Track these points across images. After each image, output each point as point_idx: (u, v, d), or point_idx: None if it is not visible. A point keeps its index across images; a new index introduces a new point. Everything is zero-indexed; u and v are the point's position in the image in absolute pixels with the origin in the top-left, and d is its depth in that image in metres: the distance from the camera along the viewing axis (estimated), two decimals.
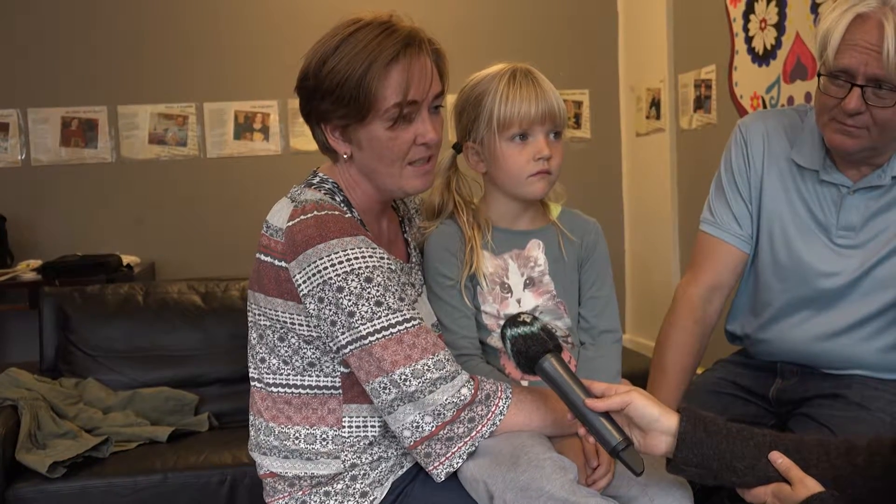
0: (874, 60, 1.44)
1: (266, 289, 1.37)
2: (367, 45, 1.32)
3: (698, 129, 3.80)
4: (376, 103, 1.32)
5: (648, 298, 4.32)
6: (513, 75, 1.43)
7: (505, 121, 1.42)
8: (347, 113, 1.34)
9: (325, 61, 1.34)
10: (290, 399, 1.39)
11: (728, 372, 1.79)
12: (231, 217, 4.13)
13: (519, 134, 1.43)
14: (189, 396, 2.55)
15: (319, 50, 1.36)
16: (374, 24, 1.34)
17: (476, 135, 1.46)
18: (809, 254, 1.63)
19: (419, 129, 1.36)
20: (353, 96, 1.32)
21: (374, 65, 1.31)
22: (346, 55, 1.32)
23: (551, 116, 1.43)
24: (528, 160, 1.43)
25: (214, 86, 4.17)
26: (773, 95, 3.24)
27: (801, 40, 3.04)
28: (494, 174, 1.48)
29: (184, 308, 2.70)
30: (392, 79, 1.32)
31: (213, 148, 4.20)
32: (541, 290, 1.48)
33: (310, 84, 1.36)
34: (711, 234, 1.73)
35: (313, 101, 1.37)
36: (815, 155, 1.63)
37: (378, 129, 1.34)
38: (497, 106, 1.42)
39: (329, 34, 1.37)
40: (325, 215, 1.31)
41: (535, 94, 1.42)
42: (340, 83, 1.32)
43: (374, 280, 1.28)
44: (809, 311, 1.64)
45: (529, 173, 1.44)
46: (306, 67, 1.37)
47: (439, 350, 1.29)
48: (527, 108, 1.41)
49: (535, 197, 1.48)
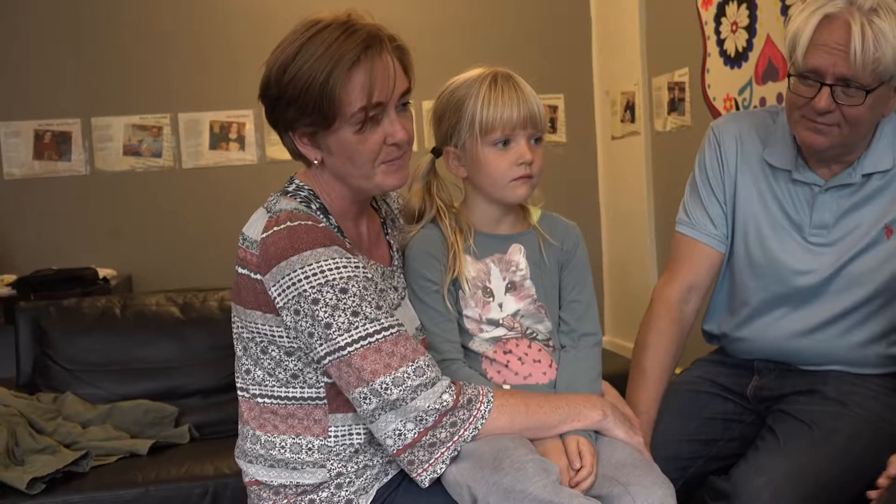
0: (842, 60, 1.46)
1: (245, 301, 1.36)
2: (327, 50, 1.29)
3: (672, 131, 3.84)
4: (341, 109, 1.30)
5: (626, 300, 4.34)
6: (494, 80, 1.43)
7: (487, 126, 1.42)
8: (313, 120, 1.32)
9: (286, 68, 1.31)
10: (276, 409, 1.38)
11: (706, 371, 1.80)
12: (208, 227, 4.11)
13: (502, 140, 1.43)
14: (169, 409, 2.52)
15: (279, 57, 1.32)
16: (334, 27, 1.31)
17: (457, 140, 1.46)
18: (784, 252, 1.65)
19: (388, 130, 1.35)
20: (317, 104, 1.30)
21: (336, 70, 1.28)
22: (307, 61, 1.29)
23: (533, 121, 1.43)
24: (510, 165, 1.43)
25: (189, 96, 4.15)
26: (745, 97, 3.28)
27: (772, 42, 3.08)
28: (476, 179, 1.48)
29: (162, 320, 2.68)
30: (355, 82, 1.29)
31: (188, 158, 4.18)
32: (522, 294, 1.49)
33: (272, 93, 1.33)
34: (687, 235, 1.75)
35: (277, 109, 1.34)
36: (787, 155, 1.65)
37: (346, 134, 1.32)
38: (479, 111, 1.41)
39: (288, 38, 1.33)
40: (297, 226, 1.30)
41: (517, 98, 1.42)
42: (303, 91, 1.30)
43: (349, 290, 1.27)
44: (785, 309, 1.66)
45: (512, 178, 1.44)
46: (268, 75, 1.34)
47: (419, 356, 1.29)
48: (509, 113, 1.41)
49: (517, 201, 1.49)
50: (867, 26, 1.45)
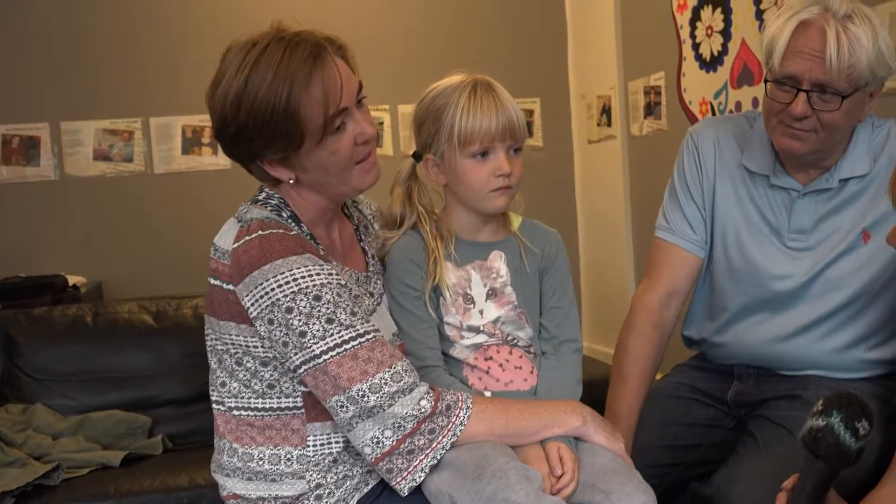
0: (818, 66, 1.48)
1: (219, 313, 1.36)
2: (277, 72, 1.27)
3: (649, 135, 3.86)
4: (308, 127, 1.29)
5: (605, 305, 4.36)
6: (473, 89, 1.43)
7: (466, 137, 1.42)
8: (283, 146, 1.31)
9: (240, 101, 1.28)
10: (253, 421, 1.37)
11: (686, 376, 1.81)
12: (180, 233, 4.07)
13: (480, 151, 1.43)
14: (142, 419, 2.51)
15: (227, 91, 1.29)
16: (272, 46, 1.29)
17: (436, 148, 1.46)
18: (762, 257, 1.66)
19: (356, 130, 1.35)
20: (284, 129, 1.28)
21: (294, 90, 1.27)
22: (260, 89, 1.27)
23: (511, 132, 1.43)
24: (488, 176, 1.44)
25: (161, 100, 4.10)
26: (721, 101, 3.31)
27: (747, 46, 3.11)
28: (455, 188, 1.48)
29: (134, 328, 2.66)
30: (314, 97, 1.28)
31: (160, 163, 4.13)
32: (503, 300, 1.49)
33: (230, 129, 1.31)
34: (666, 240, 1.76)
35: (240, 144, 1.32)
36: (765, 160, 1.67)
37: (317, 148, 1.32)
38: (458, 122, 1.41)
39: (228, 69, 1.30)
40: (269, 235, 1.30)
41: (496, 109, 1.42)
42: (265, 121, 1.28)
43: (323, 297, 1.27)
44: (764, 314, 1.67)
45: (490, 189, 1.44)
46: (221, 113, 1.31)
47: (396, 361, 1.28)
48: (488, 124, 1.41)
49: (495, 211, 1.49)
50: (842, 33, 1.47)
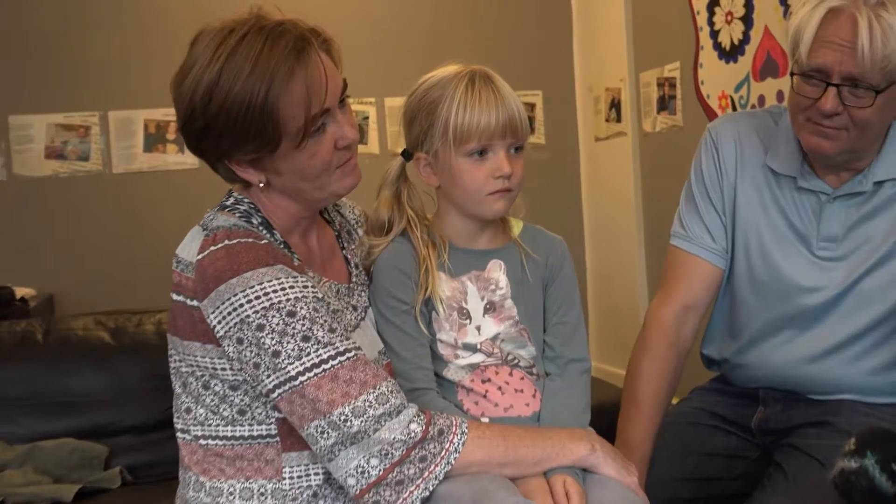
0: (849, 58, 1.49)
1: (182, 332, 1.36)
2: (256, 65, 1.27)
3: (663, 131, 3.88)
4: (286, 127, 1.30)
5: (614, 321, 4.37)
6: (471, 81, 1.43)
7: (462, 135, 1.42)
8: (256, 147, 1.31)
9: (211, 94, 1.28)
10: (222, 451, 1.37)
11: (706, 401, 1.82)
12: (142, 241, 4.06)
13: (478, 150, 1.43)
14: (97, 448, 2.50)
15: (198, 81, 1.29)
16: (251, 34, 1.28)
17: (429, 146, 1.46)
18: (789, 268, 1.68)
19: (337, 134, 1.36)
20: (259, 129, 1.29)
21: (273, 87, 1.27)
22: (235, 82, 1.27)
23: (513, 129, 1.43)
24: (486, 178, 1.44)
25: (120, 92, 4.10)
26: (742, 95, 3.33)
27: (771, 34, 3.14)
28: (449, 190, 1.49)
29: (90, 346, 2.65)
30: (295, 95, 1.29)
31: (119, 162, 4.13)
32: (502, 315, 1.50)
33: (198, 125, 1.31)
34: (683, 249, 1.77)
35: (207, 140, 1.33)
36: (791, 160, 1.68)
37: (294, 152, 1.32)
38: (454, 117, 1.42)
39: (200, 56, 1.30)
40: (236, 244, 1.30)
41: (496, 103, 1.42)
42: (238, 118, 1.28)
43: (297, 313, 1.27)
44: (791, 331, 1.69)
45: (488, 192, 1.45)
46: (189, 104, 1.30)
47: (381, 381, 1.29)
48: (486, 120, 1.41)
49: (493, 217, 1.50)
50: (875, 21, 1.48)
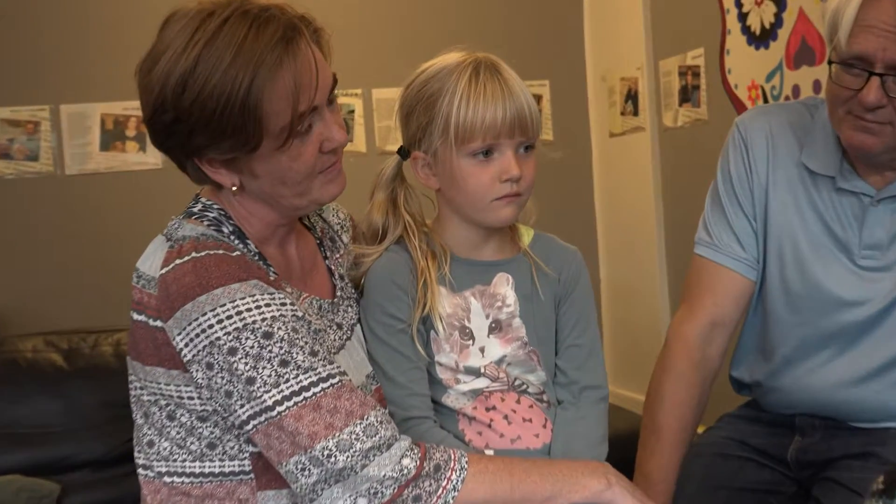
0: (893, 44, 1.50)
1: (144, 356, 1.36)
2: (239, 54, 1.26)
3: (685, 126, 3.89)
4: (269, 125, 1.29)
5: (632, 340, 4.37)
6: (475, 71, 1.43)
7: (465, 132, 1.42)
8: (233, 145, 1.30)
9: (185, 84, 1.27)
10: (189, 490, 1.37)
11: (736, 429, 1.82)
12: (99, 251, 4.07)
13: (483, 149, 1.43)
14: (48, 486, 2.50)
15: (171, 70, 1.28)
16: (234, 18, 1.28)
17: (428, 145, 1.47)
18: (828, 279, 1.68)
19: (324, 135, 1.36)
20: (238, 125, 1.28)
21: (258, 79, 1.26)
22: (213, 72, 1.26)
23: (522, 126, 1.43)
24: (492, 181, 1.44)
25: (74, 83, 4.11)
26: (774, 85, 3.34)
27: (806, 17, 3.15)
28: (451, 194, 1.49)
29: (40, 370, 2.67)
30: (281, 90, 1.28)
31: (73, 162, 4.14)
32: (509, 335, 1.50)
33: (168, 117, 1.30)
34: (709, 259, 1.78)
35: (176, 135, 1.32)
36: (829, 158, 1.68)
37: (275, 153, 1.32)
38: (456, 112, 1.41)
39: (173, 41, 1.29)
40: (204, 257, 1.30)
41: (503, 96, 1.42)
42: (216, 112, 1.27)
43: (274, 335, 1.27)
44: (831, 351, 1.69)
45: (494, 197, 1.45)
46: (160, 94, 1.29)
47: (369, 411, 1.29)
48: (492, 115, 1.41)
49: (500, 225, 1.50)
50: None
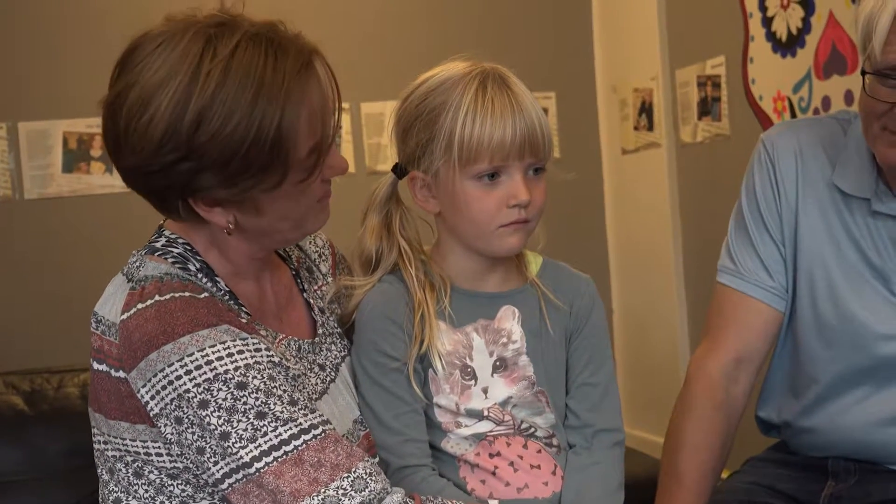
0: None
1: (107, 409, 1.36)
2: (263, 86, 1.25)
3: (705, 142, 3.91)
4: (293, 160, 1.29)
5: (649, 377, 4.36)
6: (482, 84, 1.42)
7: (471, 152, 1.41)
8: (253, 184, 1.29)
9: (200, 121, 1.24)
10: None
11: (763, 474, 1.82)
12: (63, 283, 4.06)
13: (489, 172, 1.43)
14: None
15: (178, 103, 1.24)
16: (245, 46, 1.25)
17: (428, 164, 1.46)
18: (864, 310, 1.69)
19: (331, 162, 1.37)
20: (265, 163, 1.27)
21: (287, 114, 1.26)
22: (235, 108, 1.24)
23: (532, 146, 1.43)
24: (499, 206, 1.44)
25: (34, 97, 4.12)
26: (802, 96, 3.36)
27: (837, 22, 3.17)
28: (452, 219, 1.49)
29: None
30: (304, 120, 1.29)
31: (33, 185, 4.14)
32: (515, 374, 1.50)
33: (172, 157, 1.26)
34: (733, 288, 1.79)
35: (176, 175, 1.28)
36: (864, 178, 1.70)
37: (286, 187, 1.32)
38: (460, 129, 1.41)
39: (174, 74, 1.24)
40: (169, 301, 1.30)
41: (512, 113, 1.41)
42: (239, 151, 1.25)
43: (249, 385, 1.27)
44: (868, 388, 1.70)
45: (500, 223, 1.45)
46: (165, 133, 1.24)
47: (356, 462, 1.28)
48: (500, 134, 1.40)
49: (506, 254, 1.50)
50: None
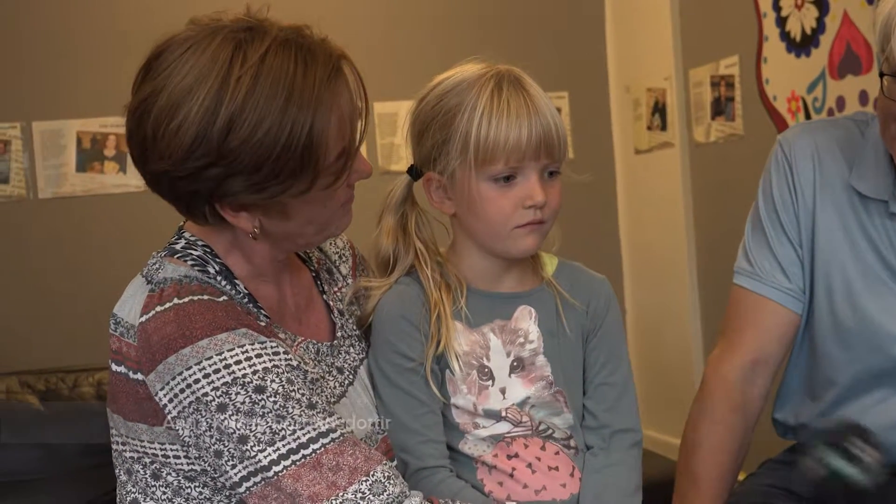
0: None
1: (126, 411, 1.36)
2: (294, 92, 1.26)
3: (719, 142, 3.91)
4: (324, 166, 1.30)
5: (664, 379, 4.35)
6: (497, 86, 1.43)
7: (486, 154, 1.42)
8: (282, 189, 1.30)
9: (231, 126, 1.25)
10: None
11: (780, 476, 1.82)
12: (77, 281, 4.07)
13: (505, 173, 1.44)
14: None
15: (209, 108, 1.25)
16: (276, 51, 1.26)
17: (444, 165, 1.47)
18: (882, 312, 1.69)
19: (357, 166, 1.38)
20: (295, 168, 1.28)
21: (318, 120, 1.27)
22: (267, 113, 1.25)
23: (548, 148, 1.44)
24: (514, 207, 1.45)
25: (47, 97, 4.14)
26: (816, 96, 3.36)
27: (851, 21, 3.17)
28: (468, 221, 1.50)
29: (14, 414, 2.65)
30: (334, 126, 1.30)
31: (47, 184, 4.15)
32: (533, 375, 1.50)
33: (202, 162, 1.27)
34: (750, 290, 1.78)
35: (205, 181, 1.29)
36: (882, 180, 1.69)
37: (315, 192, 1.33)
38: (476, 130, 1.42)
39: (204, 79, 1.25)
40: (187, 304, 1.30)
41: (528, 114, 1.42)
42: (270, 157, 1.26)
43: (267, 388, 1.28)
44: (887, 390, 1.70)
45: (515, 224, 1.46)
46: (197, 138, 1.25)
47: (375, 466, 1.29)
48: (516, 136, 1.41)
49: (522, 255, 1.51)
50: None
